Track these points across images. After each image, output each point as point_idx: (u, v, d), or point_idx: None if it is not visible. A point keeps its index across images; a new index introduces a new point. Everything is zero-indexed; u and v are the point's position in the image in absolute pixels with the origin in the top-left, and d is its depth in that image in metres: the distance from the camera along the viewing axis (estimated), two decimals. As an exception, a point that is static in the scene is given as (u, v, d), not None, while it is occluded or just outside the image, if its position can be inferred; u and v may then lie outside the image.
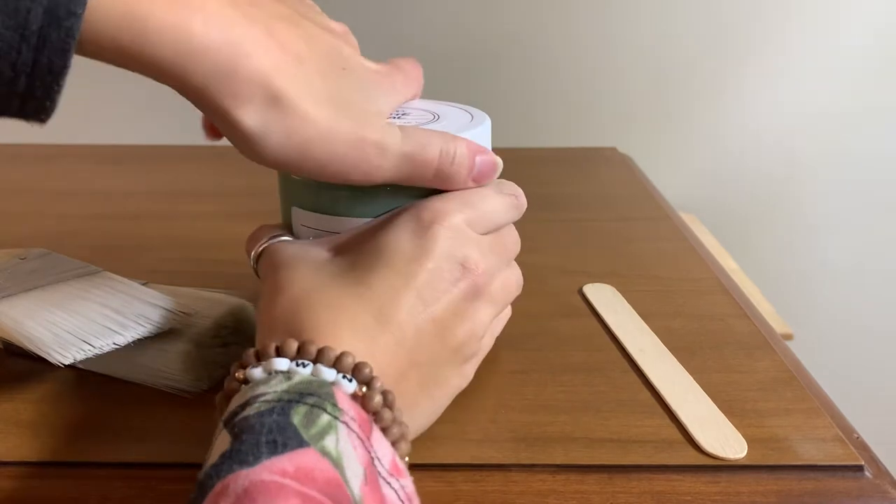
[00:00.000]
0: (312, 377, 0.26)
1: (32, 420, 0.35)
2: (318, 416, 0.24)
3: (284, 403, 0.24)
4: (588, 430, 0.34)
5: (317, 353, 0.27)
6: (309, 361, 0.26)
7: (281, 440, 0.22)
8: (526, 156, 0.78)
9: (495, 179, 0.36)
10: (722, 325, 0.44)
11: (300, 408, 0.24)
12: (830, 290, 0.97)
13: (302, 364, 0.26)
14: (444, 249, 0.31)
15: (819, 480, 0.32)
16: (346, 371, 0.26)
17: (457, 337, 0.32)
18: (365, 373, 0.27)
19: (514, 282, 0.36)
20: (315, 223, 0.35)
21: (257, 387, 0.25)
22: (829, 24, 0.87)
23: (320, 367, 0.26)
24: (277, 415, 0.23)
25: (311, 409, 0.24)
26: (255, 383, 0.26)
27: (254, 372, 0.26)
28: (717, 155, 0.92)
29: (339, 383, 0.26)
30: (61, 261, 0.41)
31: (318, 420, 0.23)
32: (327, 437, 0.23)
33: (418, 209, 0.32)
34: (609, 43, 0.87)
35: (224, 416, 0.25)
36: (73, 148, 0.80)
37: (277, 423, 0.23)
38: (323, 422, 0.23)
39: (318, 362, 0.26)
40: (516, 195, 0.36)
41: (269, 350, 0.27)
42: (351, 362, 0.27)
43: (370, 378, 0.27)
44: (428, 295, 0.31)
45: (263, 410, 0.23)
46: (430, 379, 0.31)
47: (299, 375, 0.26)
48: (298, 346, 0.27)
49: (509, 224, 0.36)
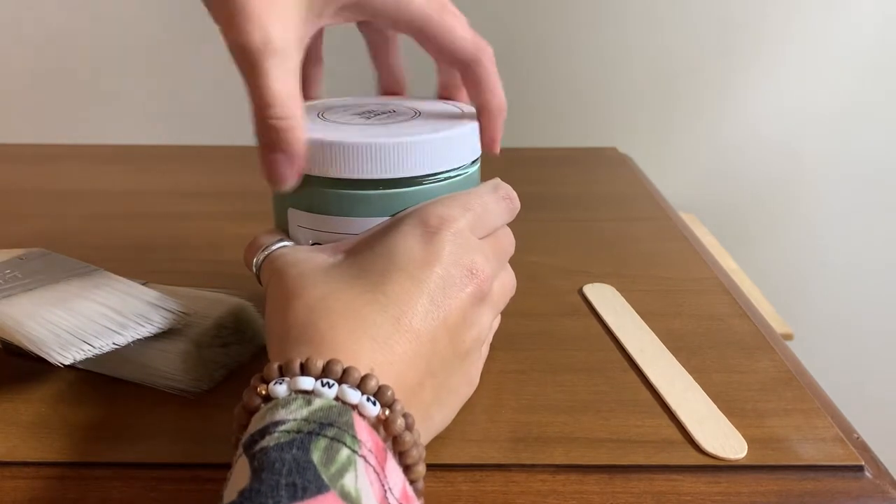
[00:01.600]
0: (333, 402, 0.25)
1: (32, 420, 0.35)
2: (337, 452, 0.23)
3: (304, 436, 0.23)
4: (588, 430, 0.34)
5: (342, 372, 0.26)
6: (335, 382, 0.26)
7: (301, 483, 0.22)
8: (526, 156, 0.78)
9: (491, 181, 0.36)
10: (722, 325, 0.44)
11: (320, 442, 0.23)
12: (830, 290, 0.97)
13: (327, 384, 0.26)
14: (453, 255, 0.31)
15: (819, 480, 0.32)
16: (370, 393, 0.26)
17: (465, 343, 0.32)
18: (388, 395, 0.26)
19: (510, 284, 0.36)
20: (312, 224, 0.35)
21: (277, 410, 0.25)
22: (829, 24, 0.87)
23: (345, 389, 0.26)
24: (297, 449, 0.23)
25: (331, 442, 0.23)
26: (276, 404, 0.25)
27: (278, 389, 0.26)
28: (718, 155, 0.92)
29: (363, 406, 0.25)
30: (61, 261, 0.41)
31: (338, 456, 0.23)
32: (347, 475, 0.23)
33: (423, 215, 0.32)
34: (609, 43, 0.87)
35: (244, 439, 0.24)
36: (73, 148, 0.80)
37: (297, 462, 0.22)
38: (342, 458, 0.23)
39: (342, 382, 0.26)
40: (511, 198, 0.36)
41: (294, 366, 0.26)
42: (375, 385, 0.26)
43: (392, 401, 0.26)
44: (441, 300, 0.30)
45: (283, 443, 0.23)
46: (442, 388, 0.31)
47: (320, 400, 0.25)
48: (324, 364, 0.26)
49: (504, 226, 0.36)
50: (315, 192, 0.34)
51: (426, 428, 0.30)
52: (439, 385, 0.31)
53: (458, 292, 0.31)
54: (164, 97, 0.87)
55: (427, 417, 0.30)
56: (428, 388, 0.30)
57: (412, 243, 0.31)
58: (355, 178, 0.33)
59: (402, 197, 0.34)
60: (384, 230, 0.33)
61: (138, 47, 0.85)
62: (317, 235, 0.35)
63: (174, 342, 0.36)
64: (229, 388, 0.37)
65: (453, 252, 0.31)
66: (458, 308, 0.31)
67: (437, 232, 0.31)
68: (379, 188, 0.34)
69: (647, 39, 0.87)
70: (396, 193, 0.34)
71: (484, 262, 0.32)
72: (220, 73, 0.85)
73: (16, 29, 0.84)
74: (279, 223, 0.37)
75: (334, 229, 0.34)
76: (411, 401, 0.29)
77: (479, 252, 0.32)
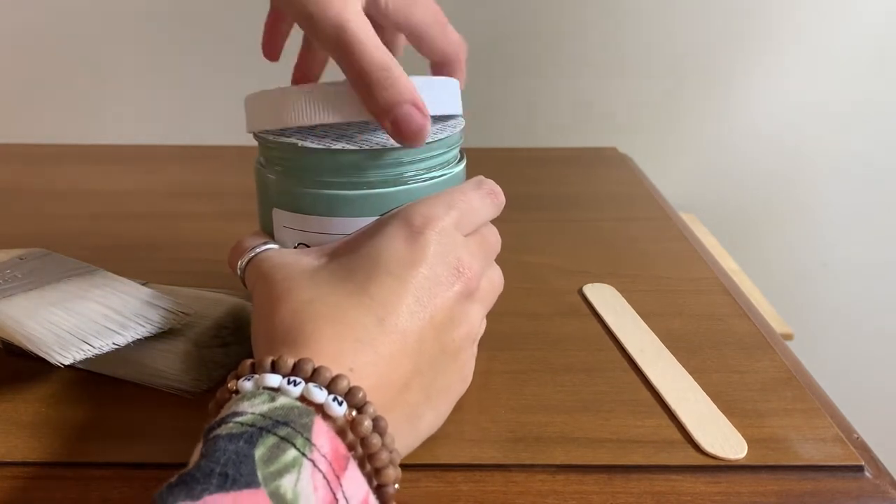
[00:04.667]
0: (297, 403, 0.25)
1: (32, 420, 0.35)
2: (283, 451, 0.23)
3: (255, 430, 0.23)
4: (588, 430, 0.34)
5: (312, 371, 0.26)
6: (302, 380, 0.26)
7: (233, 474, 0.22)
8: (526, 156, 0.79)
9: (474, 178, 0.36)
10: (722, 325, 0.44)
11: (269, 439, 0.23)
12: (831, 290, 0.97)
13: (294, 382, 0.26)
14: (438, 254, 0.31)
15: (819, 480, 0.32)
16: (339, 393, 0.26)
17: (454, 341, 0.32)
18: (358, 397, 0.26)
19: (497, 280, 0.36)
20: (297, 224, 0.35)
21: (241, 402, 0.25)
22: (830, 23, 0.87)
23: (311, 388, 0.25)
24: (244, 442, 0.23)
25: (280, 441, 0.23)
26: (242, 396, 0.25)
27: (245, 384, 0.26)
28: (717, 155, 0.92)
29: (329, 406, 0.25)
30: (61, 261, 0.41)
31: (283, 456, 0.23)
32: (286, 476, 0.23)
33: (408, 215, 0.32)
34: (609, 43, 0.87)
35: (208, 425, 0.25)
36: (73, 148, 0.81)
37: (238, 454, 0.22)
38: (287, 458, 0.23)
39: (311, 381, 0.26)
40: (496, 193, 0.36)
41: (265, 363, 0.26)
42: (346, 385, 0.26)
43: (363, 403, 0.26)
44: (427, 300, 0.30)
45: (234, 434, 0.23)
46: (432, 387, 0.31)
47: (283, 398, 0.25)
48: (295, 363, 0.26)
49: (488, 223, 0.36)
50: (300, 192, 0.34)
51: (415, 427, 0.30)
52: (428, 384, 0.31)
53: (445, 291, 0.31)
54: (164, 97, 0.87)
55: (416, 416, 0.30)
56: (415, 388, 0.30)
57: (397, 244, 0.31)
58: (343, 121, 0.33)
59: (386, 197, 0.34)
60: (369, 231, 0.33)
61: (138, 47, 0.85)
62: (302, 236, 0.35)
63: (174, 342, 0.36)
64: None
65: (438, 251, 0.31)
66: (444, 306, 0.31)
67: (422, 232, 0.32)
68: (363, 188, 0.34)
69: (647, 39, 0.87)
70: (381, 193, 0.34)
71: (470, 259, 0.32)
72: (220, 74, 0.85)
73: (16, 29, 0.84)
74: (264, 224, 0.37)
75: (319, 229, 0.34)
76: (397, 400, 0.29)
77: (464, 250, 0.32)
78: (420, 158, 0.34)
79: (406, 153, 0.34)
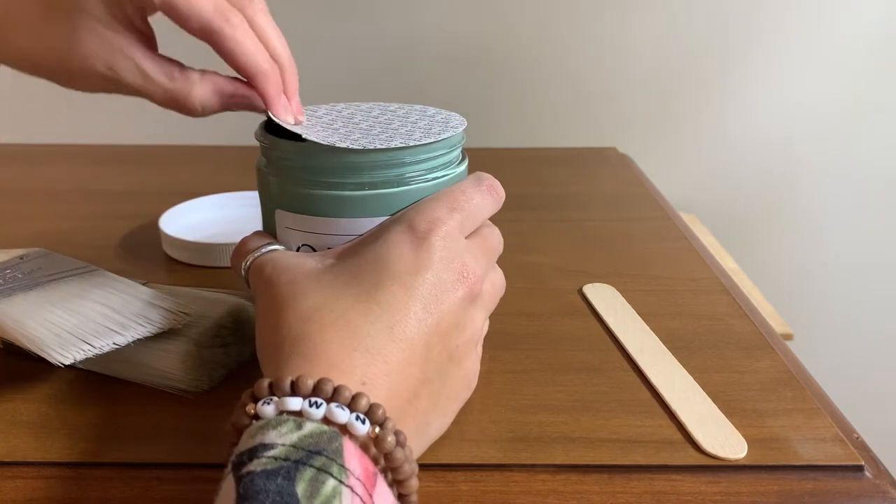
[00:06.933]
0: (324, 427, 0.25)
1: (32, 420, 0.35)
2: (323, 483, 0.23)
3: (291, 465, 0.23)
4: (588, 430, 0.34)
5: (332, 392, 0.26)
6: (323, 401, 0.26)
7: None
8: (526, 156, 0.79)
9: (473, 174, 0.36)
10: (722, 325, 0.44)
11: (307, 472, 0.23)
12: (831, 290, 0.97)
13: (315, 404, 0.26)
14: (443, 259, 0.31)
15: (819, 480, 0.32)
16: (360, 411, 0.26)
17: (459, 347, 0.32)
18: (378, 414, 0.26)
19: (499, 283, 0.36)
20: (300, 225, 0.35)
21: (267, 431, 0.25)
22: (830, 23, 0.87)
23: (333, 409, 0.25)
24: (283, 479, 0.23)
25: (317, 473, 0.23)
26: (265, 423, 0.25)
27: (266, 409, 0.26)
28: (717, 155, 0.92)
29: (352, 425, 0.25)
30: (61, 261, 0.41)
31: (323, 488, 0.23)
32: None
33: (412, 219, 0.32)
34: (609, 43, 0.87)
35: (233, 457, 0.24)
36: (73, 148, 0.81)
37: (281, 493, 0.22)
38: (328, 490, 0.23)
39: (332, 401, 0.26)
40: (495, 187, 0.36)
41: (284, 385, 0.26)
42: (366, 404, 0.26)
43: (384, 419, 0.26)
44: (433, 306, 0.30)
45: (270, 470, 0.23)
46: (440, 394, 0.31)
47: (310, 424, 0.25)
48: (315, 384, 0.26)
49: (490, 223, 0.36)
50: (302, 193, 0.34)
51: (424, 434, 0.31)
52: (436, 391, 0.31)
53: (450, 296, 0.31)
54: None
55: (424, 424, 0.30)
56: (424, 396, 0.30)
57: (402, 249, 0.31)
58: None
59: (389, 197, 0.34)
60: (374, 235, 0.33)
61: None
62: (305, 237, 0.35)
63: (174, 342, 0.36)
64: (229, 387, 0.37)
65: (444, 256, 0.31)
66: (450, 312, 0.31)
67: (427, 237, 0.31)
68: (365, 189, 0.34)
69: (648, 40, 0.87)
70: (384, 194, 0.34)
71: (474, 263, 0.32)
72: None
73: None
74: (267, 225, 0.37)
75: (323, 230, 0.34)
76: (407, 409, 0.29)
77: (468, 254, 0.32)
78: (422, 159, 0.34)
79: (408, 153, 0.34)
